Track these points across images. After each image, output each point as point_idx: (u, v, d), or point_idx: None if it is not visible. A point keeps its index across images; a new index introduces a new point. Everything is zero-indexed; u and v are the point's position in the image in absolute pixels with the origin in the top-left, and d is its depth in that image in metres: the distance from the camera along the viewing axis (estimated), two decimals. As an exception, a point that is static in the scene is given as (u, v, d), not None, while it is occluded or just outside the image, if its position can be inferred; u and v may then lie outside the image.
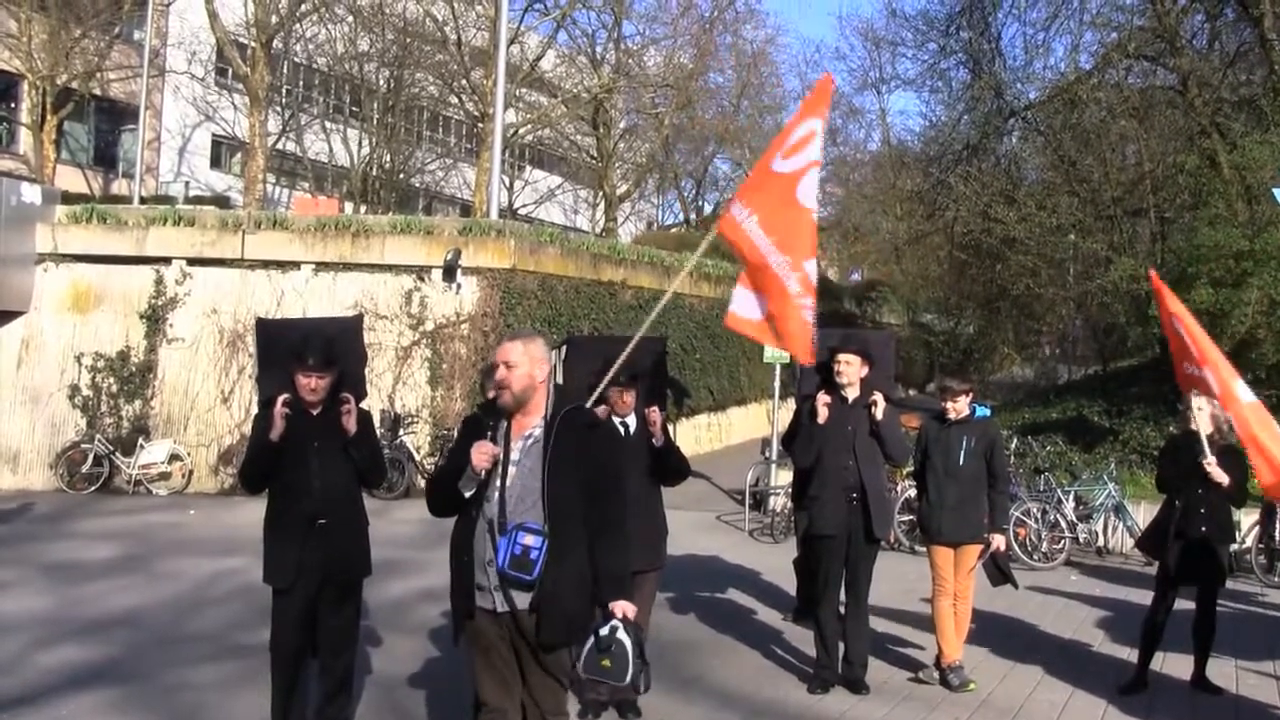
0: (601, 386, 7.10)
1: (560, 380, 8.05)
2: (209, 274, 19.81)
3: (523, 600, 4.78)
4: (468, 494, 4.84)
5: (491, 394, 4.98)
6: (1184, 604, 8.36)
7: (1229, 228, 18.31)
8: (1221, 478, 7.85)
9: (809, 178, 7.41)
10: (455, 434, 5.43)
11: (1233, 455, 8.13)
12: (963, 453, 8.36)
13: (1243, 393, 7.66)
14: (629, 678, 4.86)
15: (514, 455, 4.89)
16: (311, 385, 6.32)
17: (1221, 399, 7.72)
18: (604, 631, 4.80)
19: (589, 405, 6.89)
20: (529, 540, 4.69)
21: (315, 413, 6.39)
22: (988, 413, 9.45)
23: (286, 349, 6.42)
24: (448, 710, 7.36)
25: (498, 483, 4.83)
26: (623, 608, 4.89)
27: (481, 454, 4.77)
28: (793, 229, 7.29)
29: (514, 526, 4.73)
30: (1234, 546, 11.96)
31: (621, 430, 7.30)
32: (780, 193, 7.37)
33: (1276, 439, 7.39)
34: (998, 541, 8.49)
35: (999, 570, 8.57)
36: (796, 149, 7.45)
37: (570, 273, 20.98)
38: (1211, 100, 21.81)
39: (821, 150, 7.68)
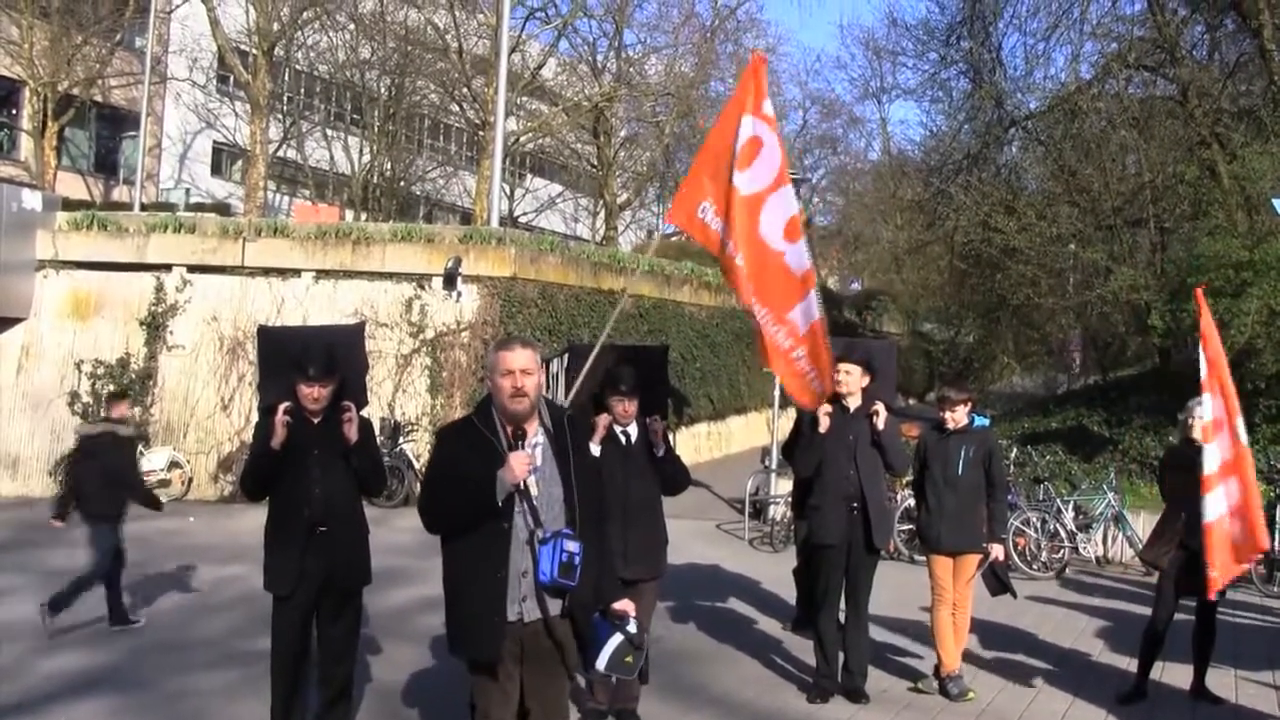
0: (574, 391, 7.10)
1: (565, 388, 8.08)
2: (209, 281, 19.85)
3: (555, 606, 4.79)
4: (500, 504, 4.75)
5: (515, 401, 4.84)
6: (1183, 614, 8.36)
7: (1229, 238, 18.33)
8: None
9: (772, 204, 6.75)
10: (436, 446, 5.27)
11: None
12: (961, 462, 8.37)
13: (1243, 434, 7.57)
14: (638, 670, 5.05)
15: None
16: (314, 394, 6.33)
17: (1213, 427, 7.52)
18: (633, 629, 4.89)
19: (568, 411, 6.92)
20: (572, 547, 4.68)
21: (316, 421, 6.40)
22: (986, 422, 9.45)
23: (288, 358, 6.43)
24: (446, 717, 7.36)
25: (524, 492, 4.78)
26: (627, 605, 4.98)
27: (524, 465, 4.70)
28: (766, 274, 6.80)
29: (551, 535, 4.71)
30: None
31: (623, 439, 7.29)
32: (748, 224, 6.77)
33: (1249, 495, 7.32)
34: (996, 551, 8.50)
35: (998, 580, 8.58)
36: (747, 160, 6.75)
37: (571, 281, 20.99)
38: (1211, 110, 21.83)
39: (782, 165, 6.91)
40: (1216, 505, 7.39)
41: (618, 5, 38.69)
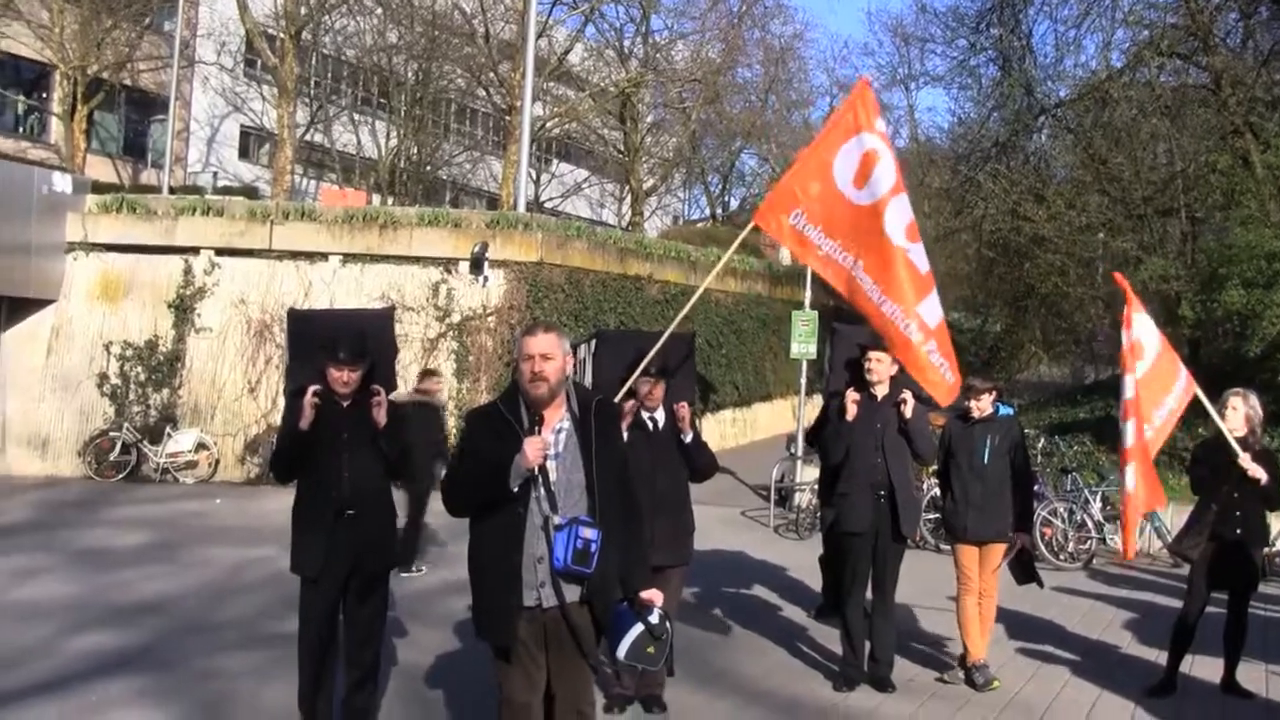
0: (631, 381, 7.09)
1: (591, 374, 8.05)
2: (237, 264, 19.92)
3: (572, 593, 4.78)
4: (516, 490, 4.75)
5: (534, 385, 4.85)
6: (1214, 607, 8.30)
7: (1261, 228, 18.20)
8: (1259, 473, 7.77)
9: (894, 208, 7.20)
10: (464, 430, 5.30)
11: (1267, 457, 8.06)
12: (987, 451, 8.33)
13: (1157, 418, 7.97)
14: (663, 660, 5.03)
15: (552, 449, 4.85)
16: (344, 378, 6.33)
17: (1130, 406, 7.89)
18: (654, 619, 4.89)
19: (618, 399, 6.89)
20: (588, 534, 4.68)
21: (346, 405, 6.40)
22: (1011, 411, 9.39)
23: (318, 341, 6.43)
24: (472, 700, 7.38)
25: (541, 478, 4.78)
26: (654, 594, 4.98)
27: (537, 449, 4.70)
28: (891, 271, 7.18)
29: (568, 521, 4.70)
30: (1265, 549, 11.86)
31: (650, 425, 7.28)
32: (870, 230, 7.20)
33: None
34: (1023, 540, 8.45)
35: (1024, 569, 8.55)
36: (865, 175, 7.23)
37: (597, 266, 20.97)
38: (1245, 99, 21.65)
39: (898, 171, 7.40)
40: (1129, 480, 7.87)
41: (645, -10, 38.59)
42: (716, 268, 8.80)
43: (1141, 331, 8.16)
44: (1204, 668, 8.64)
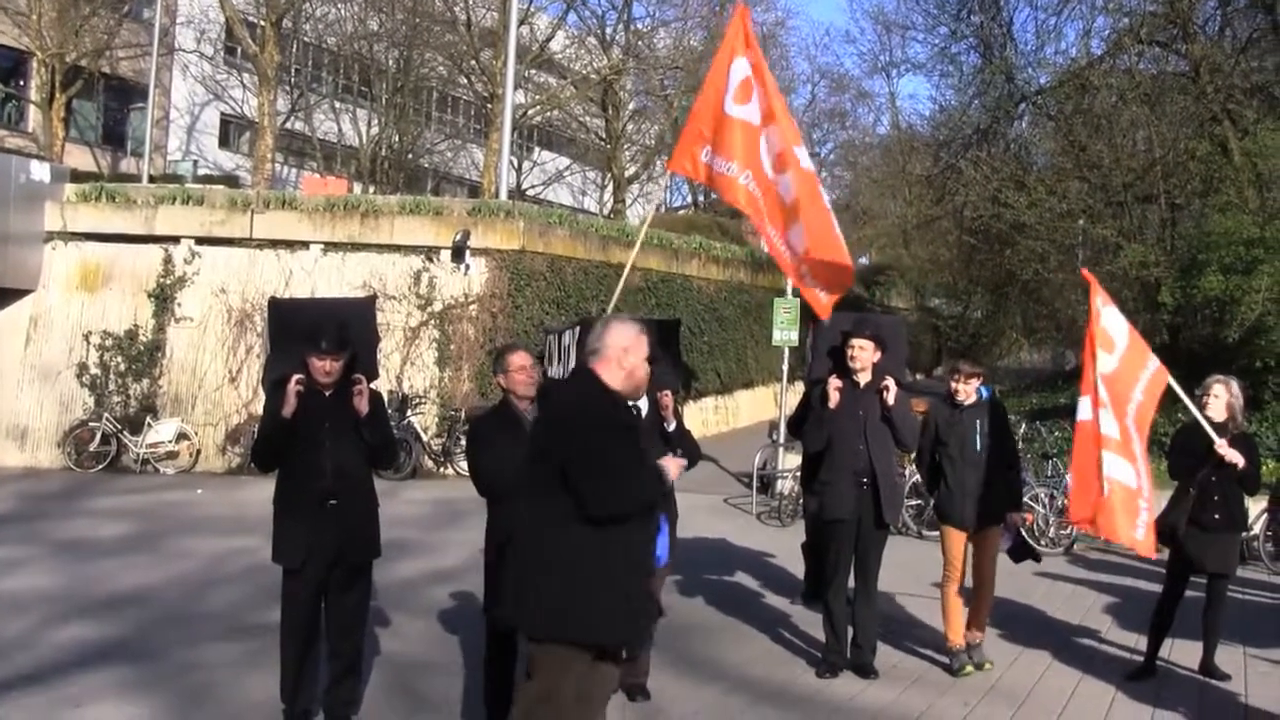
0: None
1: (576, 362, 8.01)
2: (217, 253, 19.85)
3: None
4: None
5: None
6: (1193, 591, 8.35)
7: (1240, 215, 18.28)
8: (1237, 458, 7.81)
9: (765, 137, 7.36)
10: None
11: (1245, 441, 8.11)
12: (978, 437, 8.30)
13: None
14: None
15: None
16: (325, 367, 6.30)
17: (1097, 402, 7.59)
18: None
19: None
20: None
21: (328, 394, 6.38)
22: (987, 393, 9.37)
23: (299, 331, 6.40)
24: (456, 691, 7.38)
25: None
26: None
27: (679, 465, 4.96)
28: (768, 198, 7.45)
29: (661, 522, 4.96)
30: (1244, 534, 11.92)
31: (632, 413, 7.25)
32: (752, 146, 7.40)
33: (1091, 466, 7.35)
34: (1017, 518, 8.48)
35: (1025, 546, 8.59)
36: (745, 97, 7.38)
37: (579, 254, 20.96)
38: (1223, 87, 21.71)
39: (769, 107, 7.44)
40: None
41: (627, -23, 38.56)
42: (639, 237, 8.88)
43: (1110, 323, 7.94)
44: (1183, 651, 8.69)
